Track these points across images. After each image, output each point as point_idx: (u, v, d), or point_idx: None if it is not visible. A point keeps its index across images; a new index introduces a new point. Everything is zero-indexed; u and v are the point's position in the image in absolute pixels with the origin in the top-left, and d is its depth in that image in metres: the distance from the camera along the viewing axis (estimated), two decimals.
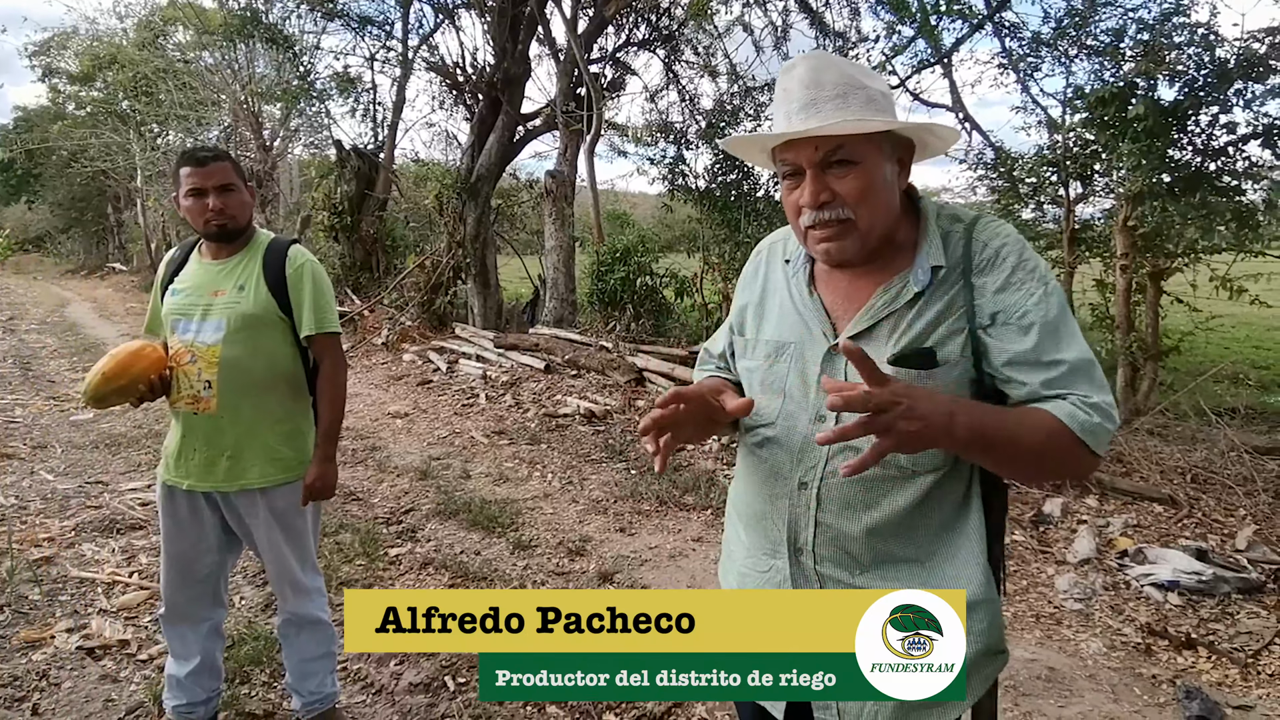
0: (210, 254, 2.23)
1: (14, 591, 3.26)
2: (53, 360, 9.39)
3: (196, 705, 2.30)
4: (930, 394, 1.05)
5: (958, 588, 1.16)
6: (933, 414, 1.02)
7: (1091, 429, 1.08)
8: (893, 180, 1.17)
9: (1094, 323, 6.28)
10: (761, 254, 1.39)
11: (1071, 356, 1.10)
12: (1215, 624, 3.10)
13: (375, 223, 11.90)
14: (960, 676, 1.07)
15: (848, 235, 1.15)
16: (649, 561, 3.78)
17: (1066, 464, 1.11)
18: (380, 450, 5.65)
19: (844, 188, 1.14)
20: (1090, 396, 1.08)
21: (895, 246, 1.20)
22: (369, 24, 11.30)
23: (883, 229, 1.17)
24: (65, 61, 23.35)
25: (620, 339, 7.92)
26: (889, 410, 0.99)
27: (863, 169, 1.13)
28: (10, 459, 5.16)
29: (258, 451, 2.16)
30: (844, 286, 1.22)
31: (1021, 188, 6.68)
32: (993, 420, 1.08)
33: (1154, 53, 5.37)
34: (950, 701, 1.18)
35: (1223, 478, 4.25)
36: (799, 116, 1.14)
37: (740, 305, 1.37)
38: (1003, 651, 1.23)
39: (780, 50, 9.71)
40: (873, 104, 1.13)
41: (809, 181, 1.15)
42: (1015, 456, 1.11)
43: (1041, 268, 1.15)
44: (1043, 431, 1.08)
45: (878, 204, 1.15)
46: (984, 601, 1.18)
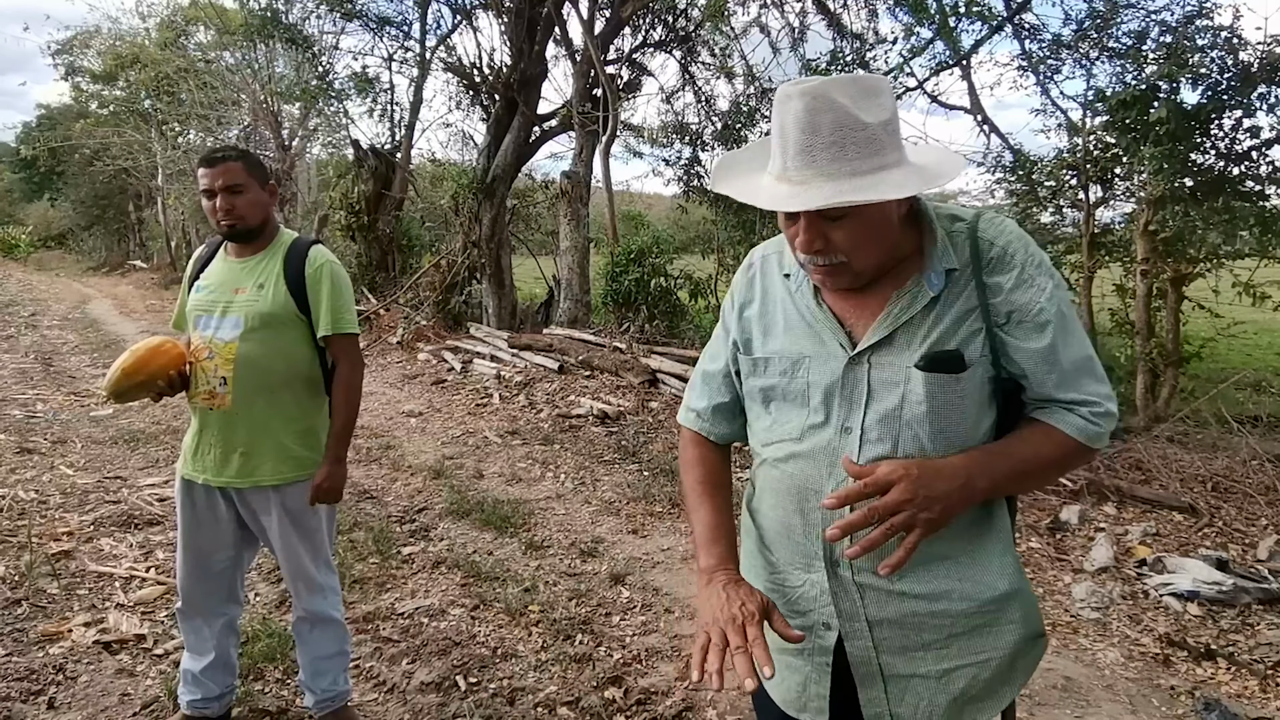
0: (234, 252, 2.25)
1: (33, 585, 3.30)
2: (74, 356, 9.51)
3: (211, 700, 2.32)
4: (941, 468, 1.09)
5: (994, 580, 1.20)
6: (950, 491, 1.08)
7: (1099, 436, 1.16)
8: (893, 212, 1.12)
9: (1113, 328, 6.21)
10: (754, 266, 1.33)
11: (1077, 353, 1.15)
12: (1235, 635, 3.06)
13: (391, 222, 11.95)
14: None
15: (843, 275, 1.14)
16: (661, 564, 3.78)
17: (1072, 468, 1.25)
18: (394, 449, 5.68)
19: (840, 237, 1.09)
20: (1098, 404, 1.14)
21: (899, 255, 1.18)
22: (387, 24, 11.37)
23: (879, 263, 1.15)
24: (88, 60, 23.61)
25: (634, 340, 7.91)
26: (903, 510, 1.06)
27: (860, 218, 1.08)
28: (31, 453, 5.23)
29: (271, 449, 2.17)
30: (853, 296, 1.20)
31: (1040, 191, 6.61)
32: (1005, 466, 1.14)
33: (1176, 55, 5.30)
34: (999, 692, 1.22)
35: (1244, 486, 4.19)
36: (794, 164, 1.07)
37: (741, 319, 1.32)
38: (1042, 634, 1.25)
39: (797, 52, 9.66)
40: (872, 144, 1.05)
41: (803, 229, 1.10)
42: (1029, 483, 1.25)
43: (1046, 262, 1.17)
44: (1054, 450, 1.16)
45: (874, 248, 1.12)
46: (1017, 590, 1.21)
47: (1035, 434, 1.16)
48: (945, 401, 1.12)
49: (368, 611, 3.20)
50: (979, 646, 1.19)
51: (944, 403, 1.12)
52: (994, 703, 1.22)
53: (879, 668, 1.20)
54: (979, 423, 1.16)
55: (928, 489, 1.06)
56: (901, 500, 1.05)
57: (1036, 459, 1.15)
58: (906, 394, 1.13)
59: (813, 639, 1.24)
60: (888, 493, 1.06)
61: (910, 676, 1.20)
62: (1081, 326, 1.18)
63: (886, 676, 1.20)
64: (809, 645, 1.24)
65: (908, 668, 1.20)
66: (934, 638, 1.19)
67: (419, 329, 9.97)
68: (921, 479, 1.06)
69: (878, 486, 1.06)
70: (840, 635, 1.21)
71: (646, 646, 3.00)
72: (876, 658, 1.20)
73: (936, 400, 1.12)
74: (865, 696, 1.22)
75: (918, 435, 1.13)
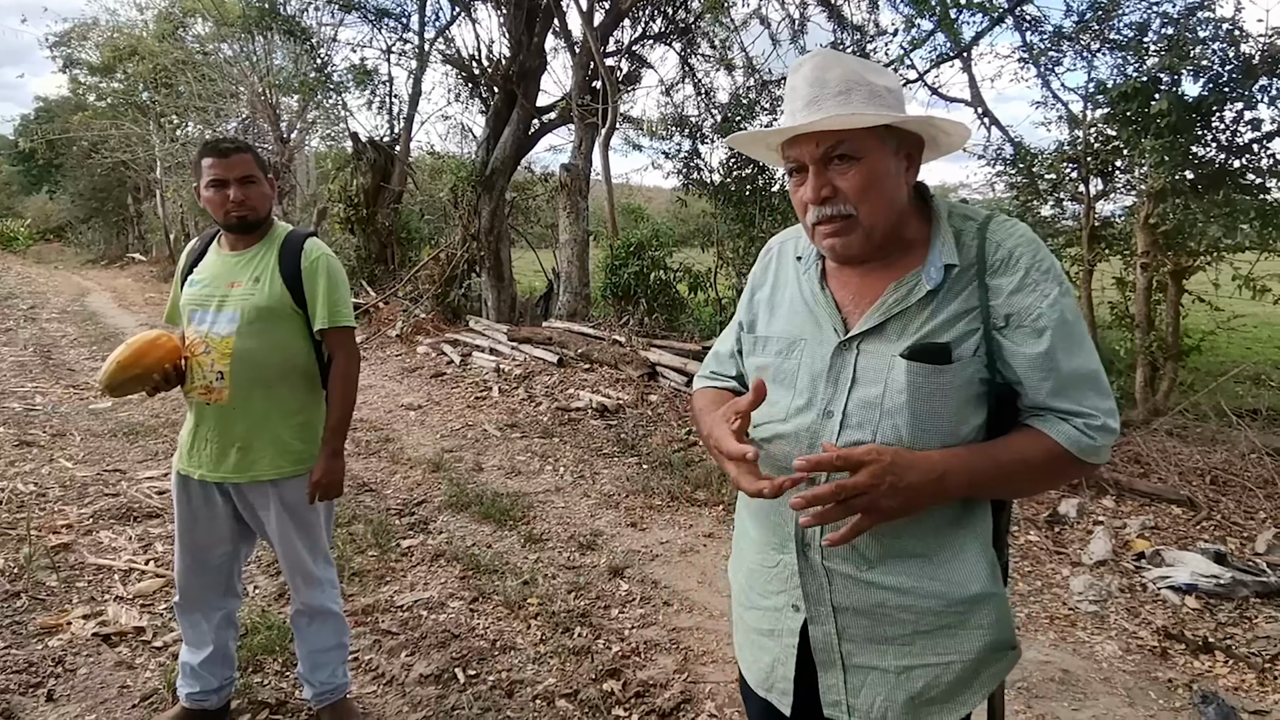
0: (228, 245, 2.24)
1: (32, 578, 3.30)
2: (72, 349, 9.50)
3: (210, 693, 2.32)
4: (916, 460, 1.09)
5: (965, 580, 1.18)
6: (920, 484, 1.08)
7: (1093, 450, 1.12)
8: (899, 175, 1.17)
9: (1113, 321, 6.20)
10: (772, 251, 1.40)
11: (1080, 364, 1.12)
12: (1233, 628, 3.06)
13: (390, 215, 11.93)
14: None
15: (852, 231, 1.16)
16: (660, 556, 3.78)
17: (1064, 479, 1.20)
18: (393, 442, 5.68)
19: (845, 183, 1.14)
20: (1095, 417, 1.12)
21: (906, 244, 1.20)
22: (386, 16, 11.33)
23: (886, 225, 1.17)
24: (86, 52, 23.50)
25: (633, 333, 7.90)
26: (868, 493, 1.06)
27: (864, 164, 1.13)
28: (30, 446, 5.23)
29: (268, 443, 2.17)
30: (855, 283, 1.22)
31: (1041, 184, 6.58)
32: (985, 466, 1.13)
33: (1178, 48, 5.27)
34: (959, 698, 1.19)
35: (1243, 480, 4.20)
36: (802, 113, 1.15)
37: (752, 301, 1.38)
38: (1013, 648, 1.23)
39: (797, 44, 9.63)
40: (876, 99, 1.13)
41: (811, 177, 1.16)
42: (1009, 488, 1.21)
43: (1056, 269, 1.15)
44: (1040, 457, 1.13)
45: (880, 199, 1.15)
46: (990, 595, 1.19)
47: (1022, 439, 1.15)
48: (926, 393, 1.12)
49: (367, 604, 3.21)
50: (943, 647, 1.18)
51: (924, 394, 1.12)
52: (953, 708, 1.20)
53: (840, 655, 1.21)
54: (962, 421, 1.15)
55: (897, 477, 1.07)
56: (868, 483, 1.06)
57: (1021, 464, 1.13)
58: (889, 382, 1.14)
59: (782, 620, 1.25)
60: (858, 472, 1.06)
61: (870, 669, 1.20)
62: (1091, 341, 1.16)
63: (846, 665, 1.21)
64: (778, 626, 1.26)
65: (867, 659, 1.20)
66: (898, 632, 1.18)
67: (418, 322, 9.96)
68: (894, 467, 1.07)
69: (849, 463, 1.07)
70: (806, 619, 1.22)
71: (645, 639, 3.00)
72: (838, 644, 1.20)
73: (917, 391, 1.12)
74: (824, 683, 1.23)
75: (896, 425, 1.13)
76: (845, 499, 1.07)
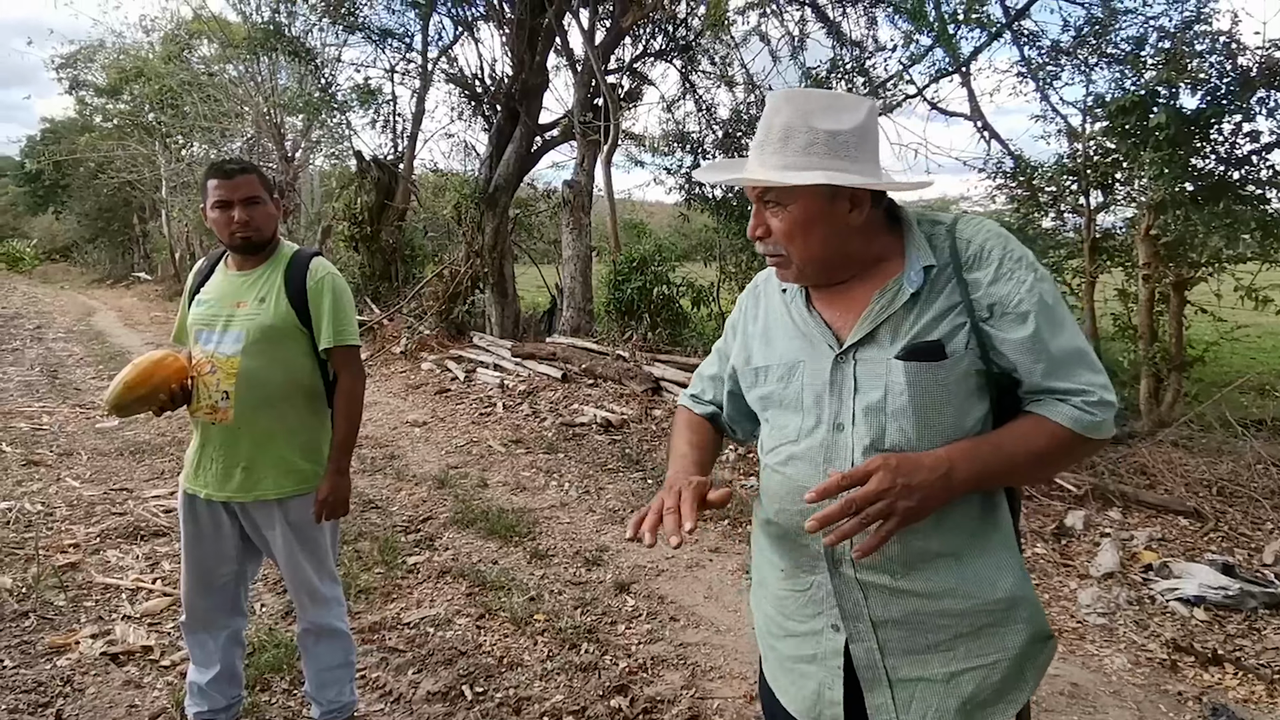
0: (235, 265, 2.26)
1: (39, 597, 3.31)
2: (79, 368, 9.54)
3: (218, 712, 2.32)
4: (922, 459, 1.11)
5: (996, 578, 1.20)
6: (930, 480, 1.10)
7: (1096, 425, 1.14)
8: (837, 216, 1.19)
9: (1116, 333, 6.20)
10: (759, 286, 1.43)
11: (1066, 342, 1.15)
12: (1242, 640, 3.05)
13: (394, 232, 12.00)
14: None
15: (786, 267, 1.25)
16: (666, 572, 3.78)
17: (1073, 459, 1.21)
18: (398, 458, 5.69)
19: (775, 226, 1.21)
20: (1091, 393, 1.14)
21: (878, 258, 1.24)
22: (389, 36, 11.45)
23: (822, 260, 1.22)
24: (92, 74, 23.77)
25: (637, 348, 7.92)
26: (882, 499, 1.07)
27: (790, 211, 1.19)
28: (38, 466, 5.25)
29: (273, 463, 2.18)
30: (840, 300, 1.26)
31: (1041, 196, 6.61)
32: (991, 454, 1.15)
33: (1175, 61, 5.30)
34: (1009, 696, 1.21)
35: (1250, 490, 4.18)
36: (754, 160, 1.22)
37: (745, 335, 1.41)
38: (1050, 636, 1.25)
39: (797, 60, 9.70)
40: (815, 146, 1.16)
41: (753, 215, 1.24)
42: (1018, 474, 1.23)
43: (1028, 257, 1.19)
44: (1046, 441, 1.15)
45: (809, 241, 1.20)
46: (1023, 590, 1.21)
47: (1025, 425, 1.17)
48: (926, 390, 1.15)
49: (373, 622, 3.21)
50: (985, 648, 1.19)
51: (925, 391, 1.15)
52: (1004, 707, 1.21)
53: (884, 671, 1.20)
54: (965, 414, 1.17)
55: (907, 478, 1.08)
56: (880, 490, 1.07)
57: (1026, 450, 1.15)
58: (889, 385, 1.16)
59: (823, 643, 1.25)
60: (866, 483, 1.08)
61: (917, 680, 1.20)
62: (1073, 319, 1.19)
63: (893, 681, 1.20)
64: (819, 650, 1.25)
65: (913, 671, 1.20)
66: (939, 639, 1.19)
67: (422, 339, 9.99)
68: (901, 469, 1.08)
69: (855, 479, 1.08)
70: (846, 639, 1.22)
71: (652, 655, 3.00)
72: (881, 660, 1.20)
73: (917, 389, 1.15)
74: (872, 703, 1.22)
75: (902, 427, 1.15)
76: (859, 511, 1.08)
